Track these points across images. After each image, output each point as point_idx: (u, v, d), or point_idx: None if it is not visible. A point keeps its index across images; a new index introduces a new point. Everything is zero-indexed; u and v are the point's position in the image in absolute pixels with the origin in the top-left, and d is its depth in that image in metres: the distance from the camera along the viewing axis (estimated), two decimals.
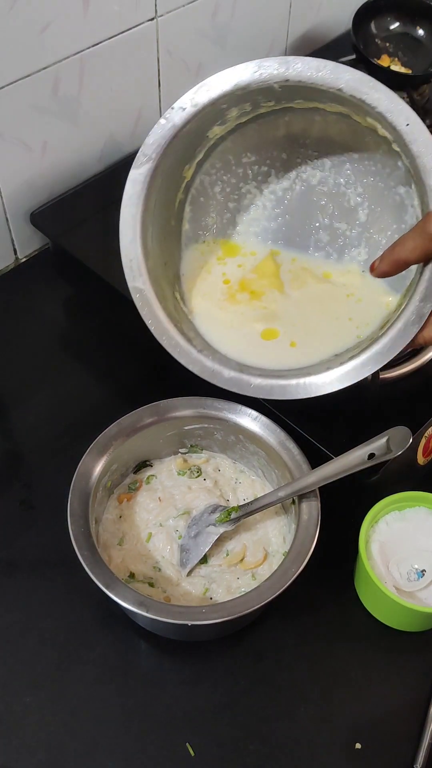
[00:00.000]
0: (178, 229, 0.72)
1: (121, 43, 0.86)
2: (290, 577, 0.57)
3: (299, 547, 0.59)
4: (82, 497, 0.62)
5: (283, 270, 0.71)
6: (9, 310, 0.88)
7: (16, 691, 0.61)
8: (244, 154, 0.69)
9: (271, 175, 0.70)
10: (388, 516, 0.67)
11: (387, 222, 0.67)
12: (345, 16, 1.06)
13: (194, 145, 0.66)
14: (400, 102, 0.55)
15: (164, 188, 0.65)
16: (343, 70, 0.56)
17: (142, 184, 0.62)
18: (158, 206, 0.65)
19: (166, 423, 0.68)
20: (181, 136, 0.62)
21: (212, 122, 0.64)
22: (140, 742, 0.59)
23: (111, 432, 0.66)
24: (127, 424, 0.67)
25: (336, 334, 0.66)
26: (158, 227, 0.67)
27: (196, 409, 0.68)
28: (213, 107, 0.61)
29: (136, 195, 0.63)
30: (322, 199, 0.69)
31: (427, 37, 1.05)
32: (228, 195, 0.71)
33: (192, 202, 0.71)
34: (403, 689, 0.63)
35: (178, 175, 0.68)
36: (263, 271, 0.71)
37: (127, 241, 0.64)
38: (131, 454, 0.69)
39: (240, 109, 0.64)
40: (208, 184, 0.71)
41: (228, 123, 0.66)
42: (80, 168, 0.92)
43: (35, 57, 0.79)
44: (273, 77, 0.58)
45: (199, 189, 0.71)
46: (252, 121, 0.66)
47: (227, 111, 0.63)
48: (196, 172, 0.69)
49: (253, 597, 0.57)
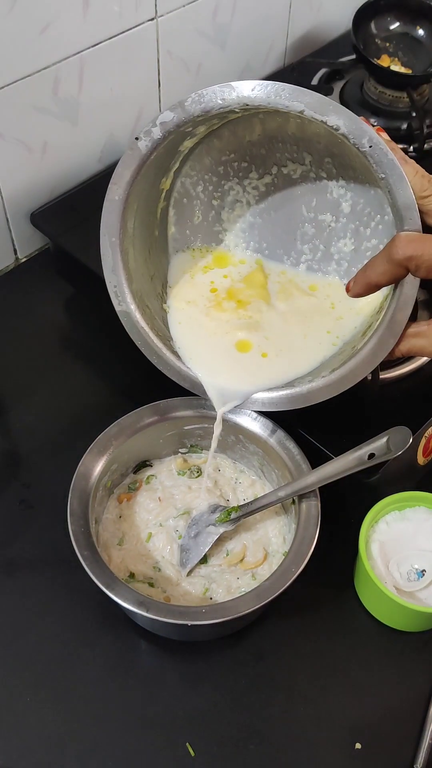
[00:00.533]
0: (163, 236, 0.72)
1: (121, 43, 0.86)
2: (290, 577, 0.57)
3: (299, 547, 0.59)
4: (82, 497, 0.62)
5: (271, 281, 0.72)
6: (9, 310, 0.88)
7: (16, 690, 0.61)
8: (222, 153, 0.69)
9: (252, 171, 0.70)
10: (388, 516, 0.67)
11: (371, 213, 0.67)
12: (345, 16, 1.06)
13: (167, 161, 0.66)
14: (361, 123, 0.55)
15: (142, 207, 0.66)
16: (302, 93, 0.56)
17: (117, 213, 0.63)
18: (138, 226, 0.66)
19: (166, 423, 0.68)
20: (150, 161, 0.62)
21: (182, 139, 0.65)
22: (140, 742, 0.59)
23: (111, 432, 0.66)
24: (127, 424, 0.67)
25: (315, 347, 0.68)
26: (141, 244, 0.68)
27: (196, 409, 0.68)
28: (178, 131, 0.61)
29: (112, 224, 0.64)
30: (305, 193, 0.69)
31: (427, 37, 1.05)
32: (211, 193, 0.71)
33: (175, 205, 0.71)
34: (403, 689, 0.63)
35: (156, 189, 0.68)
36: (252, 281, 0.71)
37: (109, 269, 0.65)
38: (131, 454, 0.69)
39: (208, 125, 0.65)
40: (190, 185, 0.71)
41: (198, 136, 0.66)
42: (80, 168, 0.92)
43: (35, 57, 0.79)
44: (232, 103, 0.58)
45: (181, 191, 0.71)
46: (224, 127, 0.67)
47: (195, 129, 0.64)
48: (174, 179, 0.70)
49: (253, 597, 0.57)
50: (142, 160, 0.61)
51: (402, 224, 0.55)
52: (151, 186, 0.67)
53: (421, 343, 0.57)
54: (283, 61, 1.13)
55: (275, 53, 1.11)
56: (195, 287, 0.72)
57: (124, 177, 0.62)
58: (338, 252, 0.70)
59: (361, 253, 0.68)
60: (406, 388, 0.72)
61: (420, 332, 0.57)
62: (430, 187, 0.56)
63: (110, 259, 0.65)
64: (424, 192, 0.56)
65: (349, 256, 0.69)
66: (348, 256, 0.69)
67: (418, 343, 0.57)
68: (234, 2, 0.97)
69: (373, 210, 0.67)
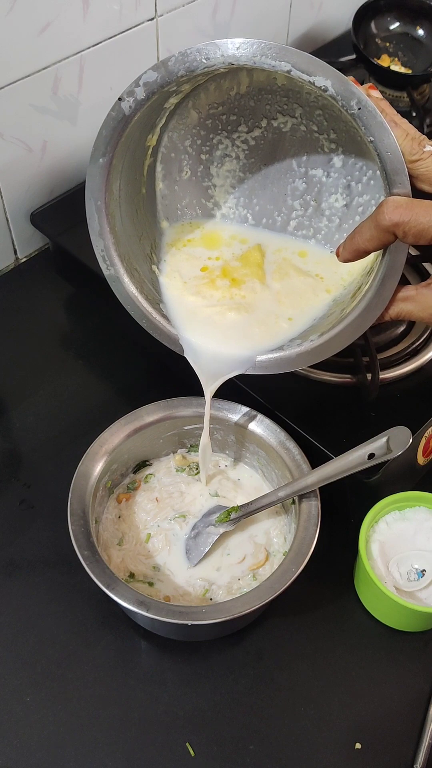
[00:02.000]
0: (151, 195, 0.71)
1: (121, 43, 0.86)
2: (290, 577, 0.57)
3: (299, 547, 0.59)
4: (82, 497, 0.62)
5: (267, 261, 0.71)
6: (9, 310, 0.88)
7: (16, 690, 0.61)
8: (210, 107, 0.68)
9: (241, 124, 0.69)
10: (388, 516, 0.67)
11: (363, 168, 0.66)
12: (345, 16, 1.06)
13: (152, 118, 0.65)
14: (350, 85, 0.53)
15: (127, 168, 0.65)
16: (289, 52, 0.54)
17: (101, 177, 0.62)
18: (124, 187, 0.65)
19: (166, 423, 0.68)
20: (135, 121, 0.61)
21: (166, 97, 0.63)
22: (140, 742, 0.59)
23: (111, 431, 0.66)
24: (126, 423, 0.67)
25: (308, 311, 0.67)
26: (127, 205, 0.66)
27: (196, 409, 0.68)
28: (162, 91, 0.60)
29: (96, 188, 0.63)
30: (295, 147, 0.68)
31: (427, 37, 1.05)
32: (199, 147, 0.70)
33: (162, 160, 0.70)
34: (403, 689, 0.63)
35: (142, 147, 0.67)
36: (248, 260, 0.70)
37: (96, 233, 0.64)
38: (131, 454, 0.69)
39: (193, 82, 0.63)
40: (177, 139, 0.69)
41: (183, 93, 0.64)
42: (80, 168, 0.92)
43: (35, 57, 0.79)
44: (217, 63, 0.56)
45: (168, 146, 0.70)
46: (210, 81, 0.65)
47: (179, 87, 0.62)
48: (161, 135, 0.68)
49: (253, 597, 0.57)
50: (126, 121, 0.60)
51: (391, 188, 0.54)
52: (137, 144, 0.65)
53: (409, 307, 0.57)
54: None
55: None
56: (188, 263, 0.71)
57: (107, 139, 0.61)
58: (329, 207, 0.69)
59: (353, 209, 0.68)
60: (406, 388, 0.72)
61: (408, 297, 0.57)
62: (420, 151, 0.54)
63: (96, 222, 0.64)
64: (414, 156, 0.54)
65: (340, 212, 0.68)
66: (339, 212, 0.68)
67: (407, 307, 0.57)
68: (234, 2, 0.97)
69: (365, 165, 0.66)
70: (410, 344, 0.75)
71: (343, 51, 1.10)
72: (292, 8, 1.08)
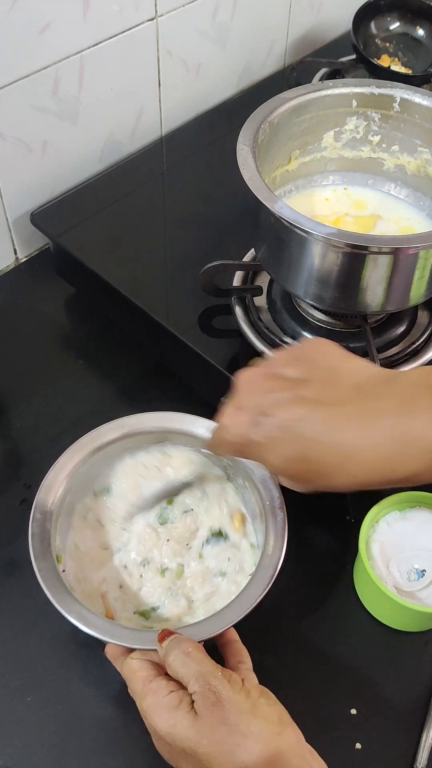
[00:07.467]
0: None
1: (121, 43, 0.86)
2: (254, 600, 0.56)
3: (263, 572, 0.58)
4: (43, 523, 0.60)
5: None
6: (9, 310, 0.88)
7: (17, 690, 0.61)
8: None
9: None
10: (388, 516, 0.67)
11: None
12: (345, 16, 1.06)
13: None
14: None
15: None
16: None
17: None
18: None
19: (126, 440, 0.66)
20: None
21: None
22: (141, 742, 0.59)
23: (71, 452, 0.64)
24: (86, 442, 0.64)
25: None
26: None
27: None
28: None
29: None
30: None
31: (427, 37, 1.05)
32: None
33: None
34: (403, 689, 0.63)
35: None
36: (362, 224, 0.75)
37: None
38: (90, 476, 0.66)
39: None
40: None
41: None
42: (80, 168, 0.92)
43: (35, 57, 0.79)
44: None
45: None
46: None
47: None
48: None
49: (215, 622, 0.56)
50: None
51: None
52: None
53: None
54: (284, 61, 1.13)
55: (275, 53, 1.11)
56: (312, 196, 0.79)
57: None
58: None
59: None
60: None
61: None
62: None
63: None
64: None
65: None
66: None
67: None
68: (234, 2, 0.97)
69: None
70: (410, 344, 0.75)
71: (343, 51, 1.10)
72: (292, 9, 1.08)
